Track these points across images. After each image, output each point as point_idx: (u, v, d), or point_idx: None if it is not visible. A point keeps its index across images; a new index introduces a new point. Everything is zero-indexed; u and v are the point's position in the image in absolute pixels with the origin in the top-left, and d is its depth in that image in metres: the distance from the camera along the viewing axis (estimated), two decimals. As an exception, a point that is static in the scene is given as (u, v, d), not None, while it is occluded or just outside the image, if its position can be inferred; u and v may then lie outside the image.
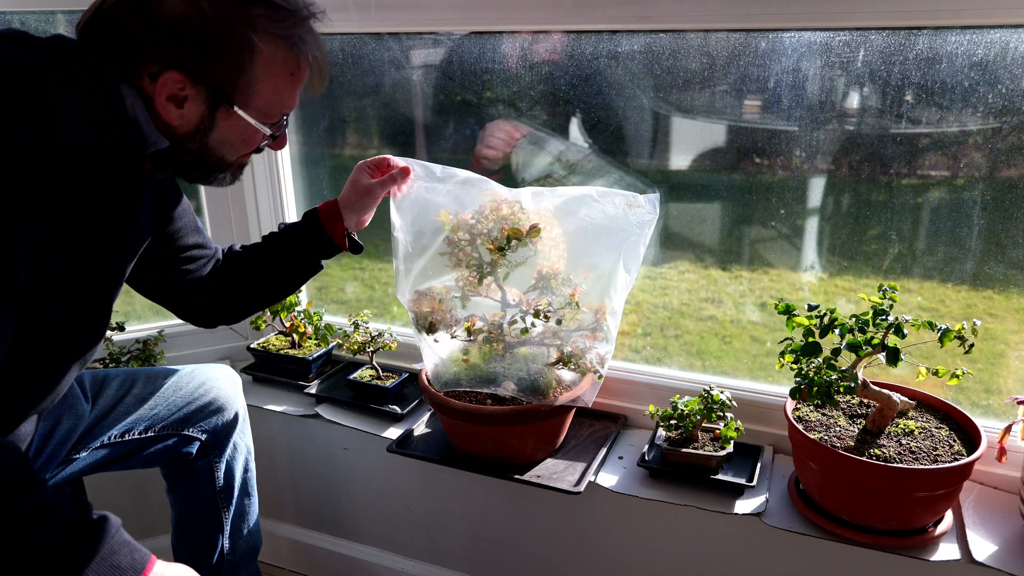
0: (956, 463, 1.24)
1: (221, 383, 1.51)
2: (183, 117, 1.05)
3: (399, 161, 1.43)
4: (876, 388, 1.33)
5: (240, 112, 1.07)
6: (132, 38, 1.00)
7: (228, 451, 1.51)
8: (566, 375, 1.56)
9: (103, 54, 1.01)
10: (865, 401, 1.46)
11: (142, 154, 1.06)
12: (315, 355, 1.87)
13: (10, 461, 0.98)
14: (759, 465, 1.49)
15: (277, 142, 1.18)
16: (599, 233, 1.42)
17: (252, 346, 1.92)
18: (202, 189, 1.90)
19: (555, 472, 1.51)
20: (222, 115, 1.07)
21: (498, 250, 1.43)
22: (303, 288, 2.03)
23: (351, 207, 1.40)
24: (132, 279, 1.35)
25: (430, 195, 1.45)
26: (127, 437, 1.40)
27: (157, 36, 0.99)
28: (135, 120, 1.01)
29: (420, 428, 1.70)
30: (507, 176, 1.81)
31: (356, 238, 1.45)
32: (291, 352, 1.88)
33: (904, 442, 1.32)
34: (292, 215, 1.97)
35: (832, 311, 1.31)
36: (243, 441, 1.55)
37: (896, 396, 1.34)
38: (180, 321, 1.99)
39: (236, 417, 1.52)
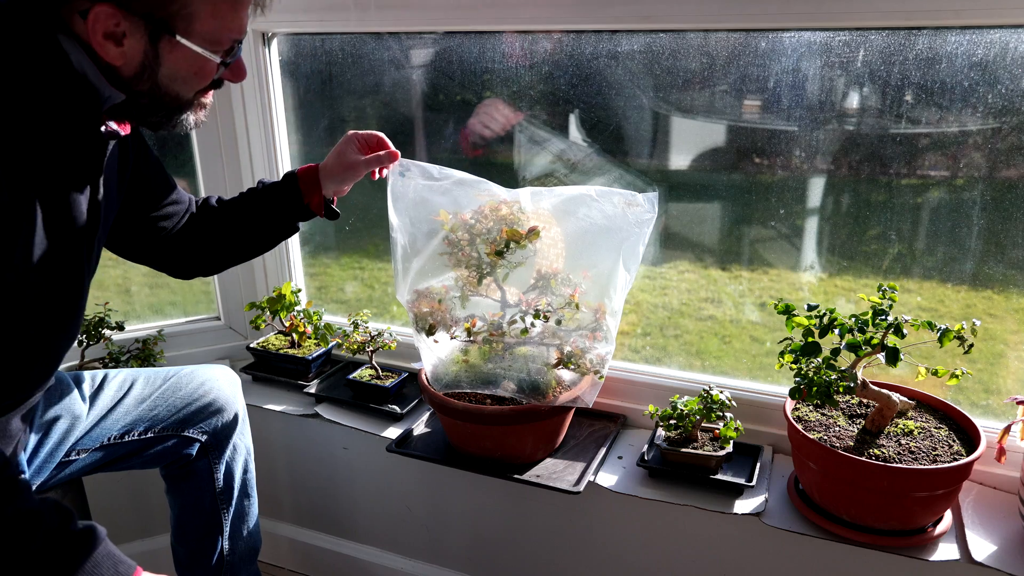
0: (955, 463, 1.24)
1: (221, 384, 1.51)
2: (124, 56, 0.98)
3: (391, 144, 1.42)
4: (875, 388, 1.33)
5: (183, 41, 1.00)
6: None
7: (228, 452, 1.51)
8: (566, 375, 1.56)
9: (25, 3, 0.95)
10: (865, 401, 1.46)
11: (98, 112, 1.02)
12: (315, 355, 1.87)
13: None
14: (758, 465, 1.49)
15: (235, 72, 1.11)
16: (598, 233, 1.42)
17: (251, 345, 1.92)
18: (201, 189, 1.90)
19: (554, 472, 1.51)
20: (165, 47, 1.00)
21: (496, 253, 1.43)
22: (303, 288, 2.04)
23: (332, 177, 1.40)
24: (107, 242, 1.32)
25: (428, 194, 1.45)
26: (126, 438, 1.40)
27: None
28: (83, 75, 0.97)
29: (420, 428, 1.70)
30: (507, 174, 1.81)
31: (333, 206, 1.45)
32: (291, 352, 1.88)
33: (903, 442, 1.32)
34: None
35: (831, 311, 1.31)
36: (242, 442, 1.55)
37: (895, 396, 1.34)
38: (180, 321, 2.01)
39: (236, 418, 1.52)
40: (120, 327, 1.83)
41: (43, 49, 0.95)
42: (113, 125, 1.10)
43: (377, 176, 1.45)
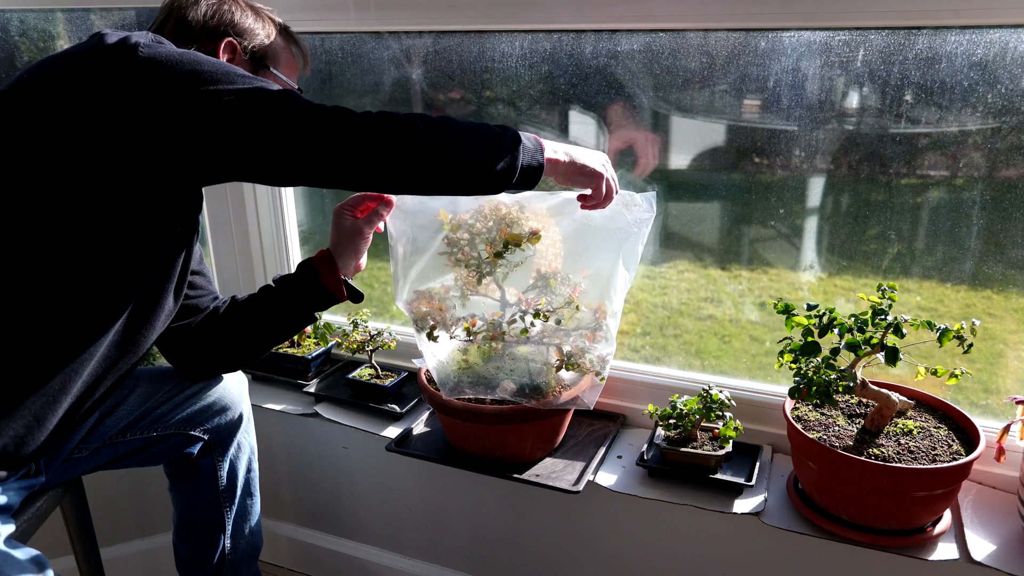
0: (955, 463, 1.24)
1: (226, 383, 1.51)
2: None
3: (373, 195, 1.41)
4: (875, 388, 1.33)
5: (276, 73, 1.29)
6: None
7: (232, 451, 1.51)
8: (565, 374, 1.56)
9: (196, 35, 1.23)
10: (864, 401, 1.47)
11: None
12: (314, 354, 1.87)
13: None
14: (758, 464, 1.49)
15: None
16: (597, 233, 1.42)
17: (251, 345, 1.92)
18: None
19: (554, 471, 1.51)
20: (261, 76, 1.18)
21: (495, 255, 1.43)
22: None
23: (343, 253, 1.39)
24: None
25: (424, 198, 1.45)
26: (129, 436, 1.40)
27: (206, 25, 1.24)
28: None
29: (419, 427, 1.70)
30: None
31: (354, 285, 1.44)
32: (290, 351, 1.88)
33: (903, 442, 1.32)
34: (292, 219, 1.97)
35: (831, 311, 1.31)
36: (247, 441, 1.55)
37: (895, 396, 1.34)
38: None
39: (240, 417, 1.52)
40: (120, 326, 1.83)
41: None
42: None
43: (383, 229, 1.45)
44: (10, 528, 1.17)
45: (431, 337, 1.49)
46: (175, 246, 1.20)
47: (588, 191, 1.29)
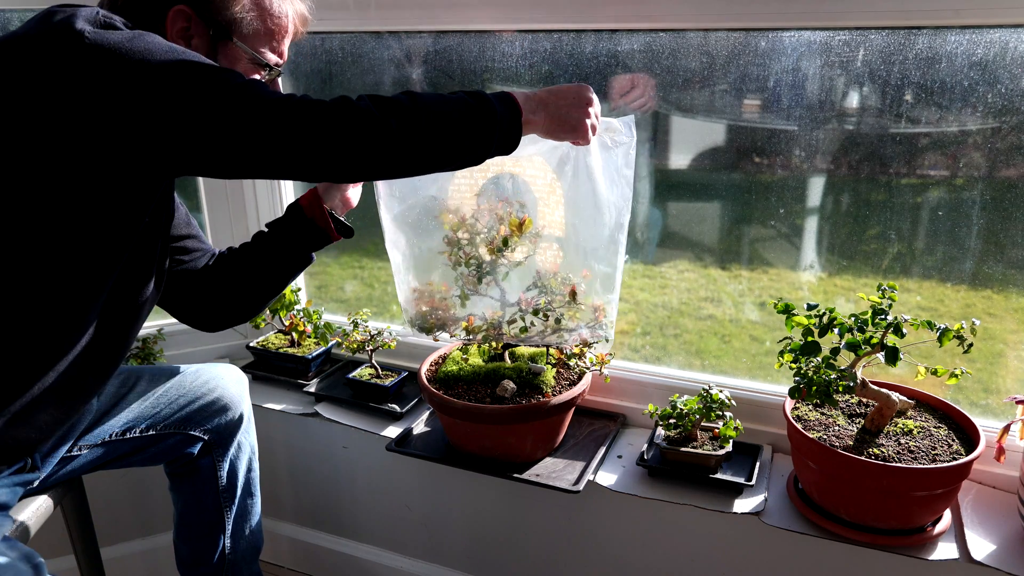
0: (954, 462, 1.25)
1: (226, 382, 1.51)
2: (194, 49, 1.11)
3: None
4: (875, 387, 1.33)
5: (239, 44, 1.15)
6: None
7: (232, 450, 1.51)
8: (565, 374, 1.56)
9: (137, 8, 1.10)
10: (864, 400, 1.47)
11: None
12: (314, 354, 1.87)
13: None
14: (758, 464, 1.49)
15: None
16: (591, 173, 1.41)
17: (251, 345, 1.92)
18: (201, 190, 1.90)
19: (554, 471, 1.51)
20: (222, 50, 1.14)
21: (496, 251, 1.43)
22: (302, 287, 2.04)
23: (329, 189, 1.42)
24: None
25: (421, 186, 1.46)
26: (128, 435, 1.40)
27: None
28: None
29: (419, 427, 1.70)
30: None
31: (344, 221, 1.45)
32: (290, 351, 1.88)
33: (903, 441, 1.32)
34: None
35: (831, 310, 1.31)
36: (247, 441, 1.55)
37: (895, 395, 1.34)
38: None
39: (241, 417, 1.52)
40: (120, 326, 1.83)
41: None
42: None
43: None
44: (6, 526, 1.17)
45: (429, 333, 1.50)
46: (147, 237, 1.15)
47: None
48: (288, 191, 1.96)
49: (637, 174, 1.40)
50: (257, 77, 1.18)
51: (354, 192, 1.47)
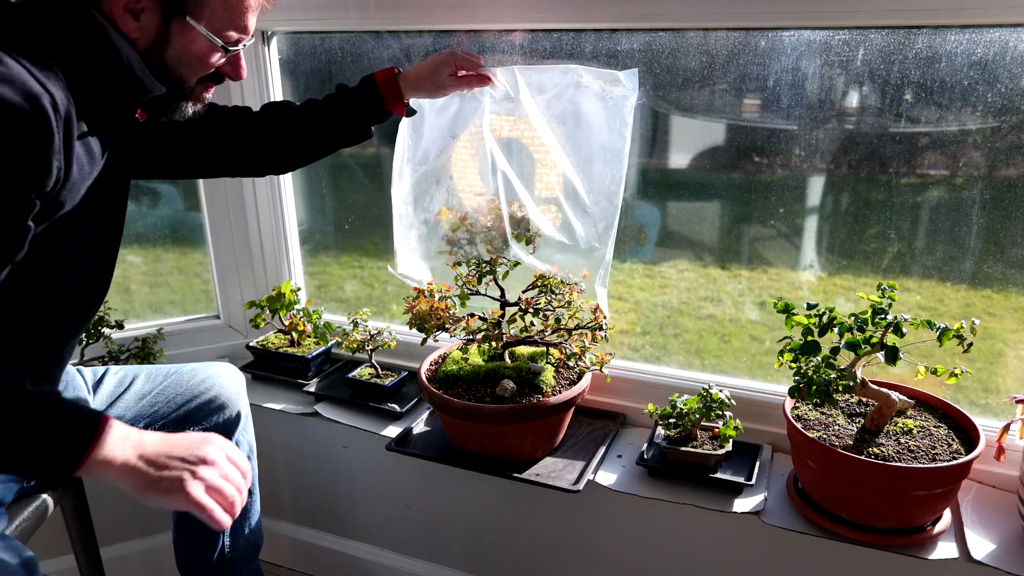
0: (954, 462, 1.25)
1: (223, 381, 1.51)
2: (140, 30, 1.05)
3: (483, 65, 1.43)
4: (875, 387, 1.33)
5: (192, 22, 1.07)
6: None
7: (230, 450, 1.51)
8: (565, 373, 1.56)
9: None
10: (864, 400, 1.47)
11: (138, 102, 1.09)
12: (314, 353, 1.87)
13: None
14: (758, 464, 1.49)
15: (234, 68, 1.18)
16: (589, 124, 1.43)
17: (251, 344, 1.92)
18: (200, 188, 1.90)
19: (554, 470, 1.51)
20: (176, 27, 1.07)
21: (496, 250, 1.43)
22: (302, 287, 2.04)
23: (416, 89, 1.42)
24: (173, 170, 1.45)
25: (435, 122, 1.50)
26: (126, 435, 1.40)
27: None
28: (130, 68, 1.04)
29: (419, 426, 1.70)
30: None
31: (412, 106, 1.47)
32: (290, 350, 1.88)
33: (903, 441, 1.32)
34: (292, 219, 1.97)
35: (831, 310, 1.31)
36: (245, 439, 1.55)
37: (895, 395, 1.34)
38: (179, 319, 2.01)
39: (238, 415, 1.52)
40: (120, 325, 1.83)
41: (93, 41, 1.01)
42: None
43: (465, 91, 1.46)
44: (1, 523, 1.17)
45: (429, 333, 1.50)
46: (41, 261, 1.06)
47: None
48: (288, 191, 1.96)
49: (637, 166, 1.41)
50: (215, 57, 1.13)
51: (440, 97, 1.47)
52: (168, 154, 1.38)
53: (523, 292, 1.51)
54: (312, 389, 1.82)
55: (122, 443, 0.97)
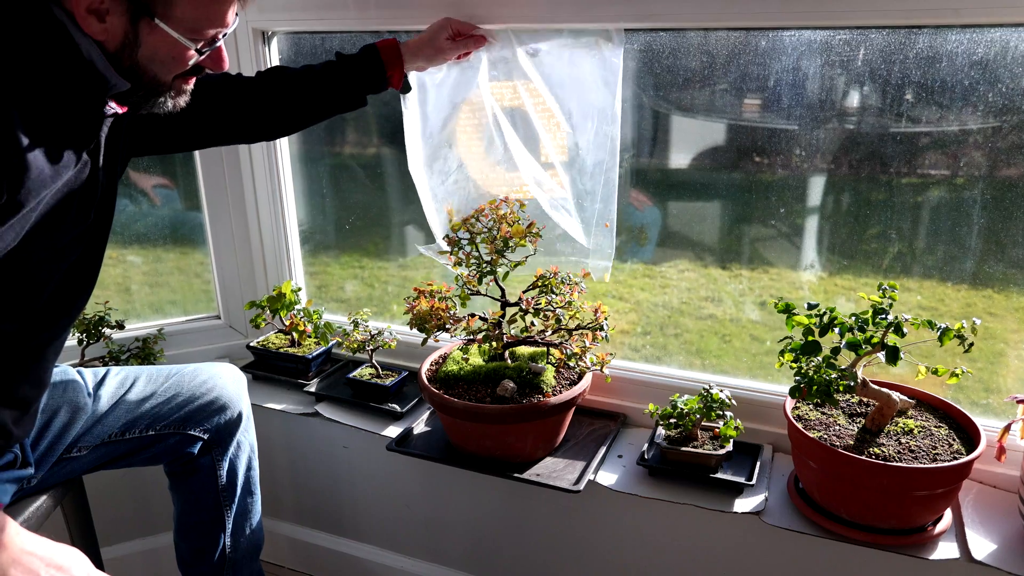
0: (955, 462, 1.24)
1: (224, 381, 1.51)
2: (107, 32, 1.01)
3: (480, 31, 1.48)
4: (875, 387, 1.33)
5: (161, 24, 1.02)
6: None
7: (231, 449, 1.51)
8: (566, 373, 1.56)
9: None
10: (864, 400, 1.46)
11: (103, 97, 1.06)
12: (315, 353, 1.87)
13: None
14: (758, 464, 1.49)
15: (215, 61, 1.14)
16: (582, 81, 1.47)
17: (251, 344, 1.92)
18: (201, 188, 1.90)
19: (554, 471, 1.51)
20: (144, 29, 1.02)
21: (496, 252, 1.43)
22: (303, 287, 2.04)
23: (417, 57, 1.45)
24: (167, 146, 1.42)
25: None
26: (128, 435, 1.40)
27: None
28: (91, 63, 1.01)
29: (420, 426, 1.70)
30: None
31: (409, 80, 1.51)
32: (290, 350, 1.88)
33: (903, 441, 1.32)
34: (292, 219, 1.97)
35: (832, 310, 1.31)
36: (246, 439, 1.55)
37: (895, 395, 1.34)
38: (180, 319, 2.01)
39: (240, 415, 1.52)
40: (120, 326, 1.83)
41: (54, 38, 0.98)
42: (113, 105, 1.13)
43: (463, 59, 1.51)
44: None
45: (430, 333, 1.50)
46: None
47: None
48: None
49: (638, 165, 1.42)
50: (191, 55, 1.09)
51: (429, 67, 1.51)
52: (160, 131, 1.35)
53: (524, 292, 1.51)
54: (313, 389, 1.82)
55: None
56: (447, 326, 1.50)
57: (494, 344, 1.55)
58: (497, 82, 1.51)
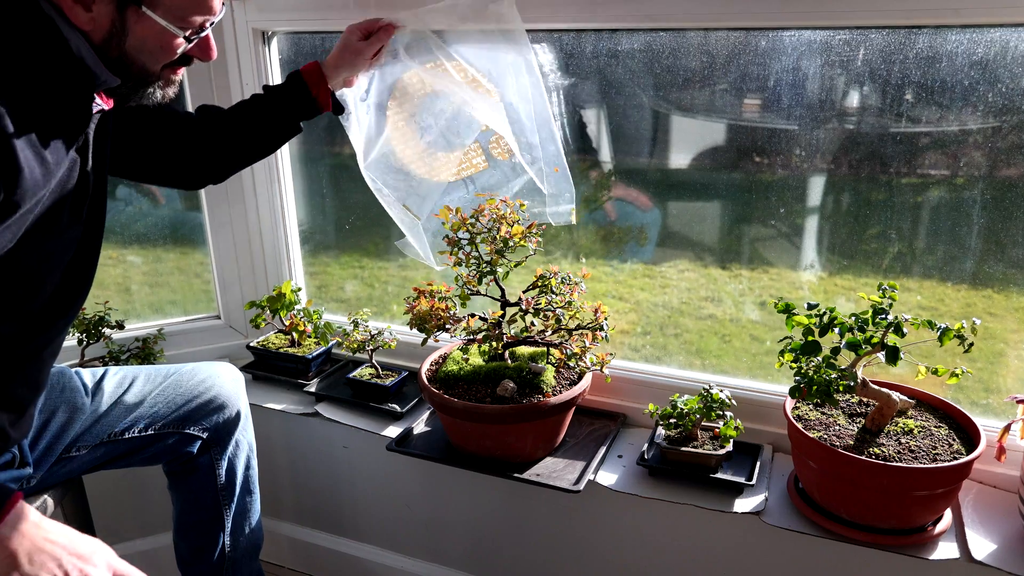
0: (955, 462, 1.24)
1: (223, 380, 1.51)
2: (93, 22, 1.01)
3: (385, 20, 1.46)
4: (875, 387, 1.33)
5: (149, 13, 1.02)
6: None
7: (230, 448, 1.51)
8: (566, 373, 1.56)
9: None
10: (864, 400, 1.46)
11: (91, 93, 1.06)
12: (315, 353, 1.87)
13: None
14: (758, 464, 1.49)
15: (203, 50, 1.14)
16: (494, 44, 1.48)
17: (251, 344, 1.92)
18: (201, 190, 1.90)
19: (554, 471, 1.51)
20: (132, 17, 1.02)
21: (496, 252, 1.43)
22: (303, 287, 2.04)
23: (339, 68, 1.44)
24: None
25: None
26: (127, 435, 1.40)
27: None
28: (81, 59, 1.00)
29: (420, 426, 1.70)
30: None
31: (339, 99, 1.49)
32: (290, 350, 1.88)
33: (903, 441, 1.32)
34: (292, 219, 1.97)
35: (831, 310, 1.31)
36: (245, 438, 1.55)
37: (895, 395, 1.34)
38: (180, 319, 2.01)
39: (238, 415, 1.52)
40: (120, 326, 1.83)
41: (43, 34, 0.98)
42: (99, 101, 1.12)
43: (378, 57, 1.49)
44: None
45: (429, 333, 1.50)
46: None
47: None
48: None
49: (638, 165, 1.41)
50: (178, 44, 1.08)
51: (355, 77, 1.50)
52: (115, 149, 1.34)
53: (523, 292, 1.51)
54: (312, 389, 1.82)
55: (13, 525, 1.01)
56: (447, 326, 1.50)
57: (494, 344, 1.55)
58: (422, 66, 1.50)
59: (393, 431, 1.68)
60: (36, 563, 1.01)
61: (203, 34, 1.11)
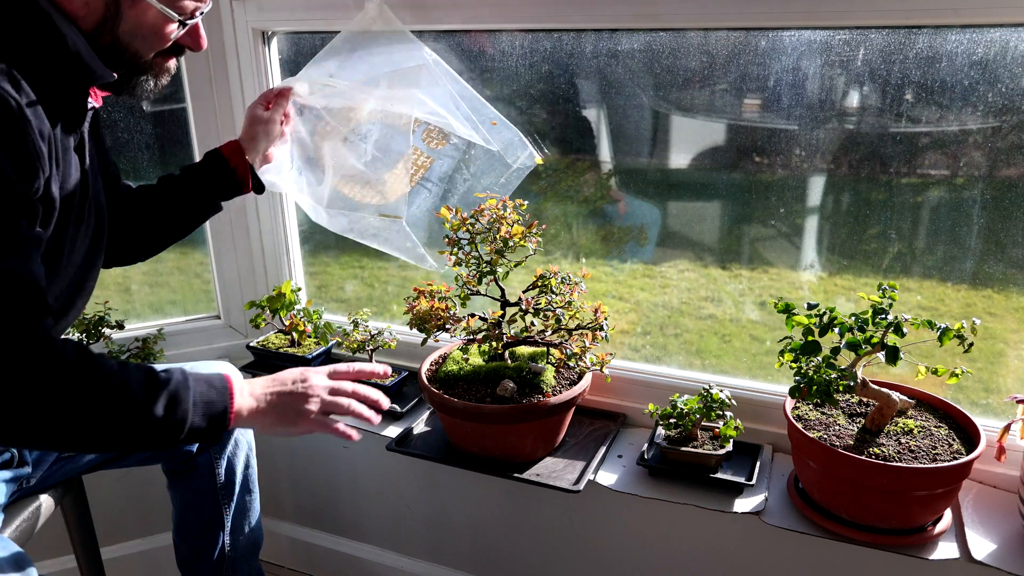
0: (955, 462, 1.24)
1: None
2: (87, 6, 1.01)
3: (277, 87, 1.49)
4: (875, 387, 1.33)
5: None
6: None
7: (229, 448, 1.51)
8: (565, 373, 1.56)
9: None
10: (864, 400, 1.46)
11: (87, 88, 1.06)
12: (314, 353, 1.87)
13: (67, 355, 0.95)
14: (758, 464, 1.49)
15: (193, 39, 1.15)
16: (375, 47, 1.51)
17: (251, 344, 1.92)
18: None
19: (554, 471, 1.51)
20: (126, 2, 1.03)
21: (496, 252, 1.43)
22: (303, 287, 2.04)
23: (254, 139, 1.44)
24: None
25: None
26: (127, 435, 1.40)
27: None
28: (78, 54, 1.01)
29: (420, 426, 1.70)
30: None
31: (259, 176, 1.49)
32: (290, 351, 1.88)
33: (903, 441, 1.32)
34: (292, 219, 1.97)
35: (831, 310, 1.31)
36: (244, 437, 1.55)
37: (895, 395, 1.34)
38: (180, 319, 2.01)
39: (237, 415, 1.52)
40: (120, 326, 1.83)
41: (41, 30, 0.98)
42: (91, 100, 1.12)
43: (287, 122, 1.51)
44: None
45: (430, 333, 1.50)
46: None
47: None
48: (290, 205, 1.95)
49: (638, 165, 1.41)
50: (171, 29, 1.09)
51: (273, 150, 1.51)
52: None
53: (523, 292, 1.51)
54: (312, 389, 1.82)
55: (241, 393, 1.10)
56: (447, 326, 1.50)
57: (494, 344, 1.55)
58: (328, 105, 1.51)
59: (393, 431, 1.68)
60: (278, 405, 1.12)
61: (194, 21, 1.12)
